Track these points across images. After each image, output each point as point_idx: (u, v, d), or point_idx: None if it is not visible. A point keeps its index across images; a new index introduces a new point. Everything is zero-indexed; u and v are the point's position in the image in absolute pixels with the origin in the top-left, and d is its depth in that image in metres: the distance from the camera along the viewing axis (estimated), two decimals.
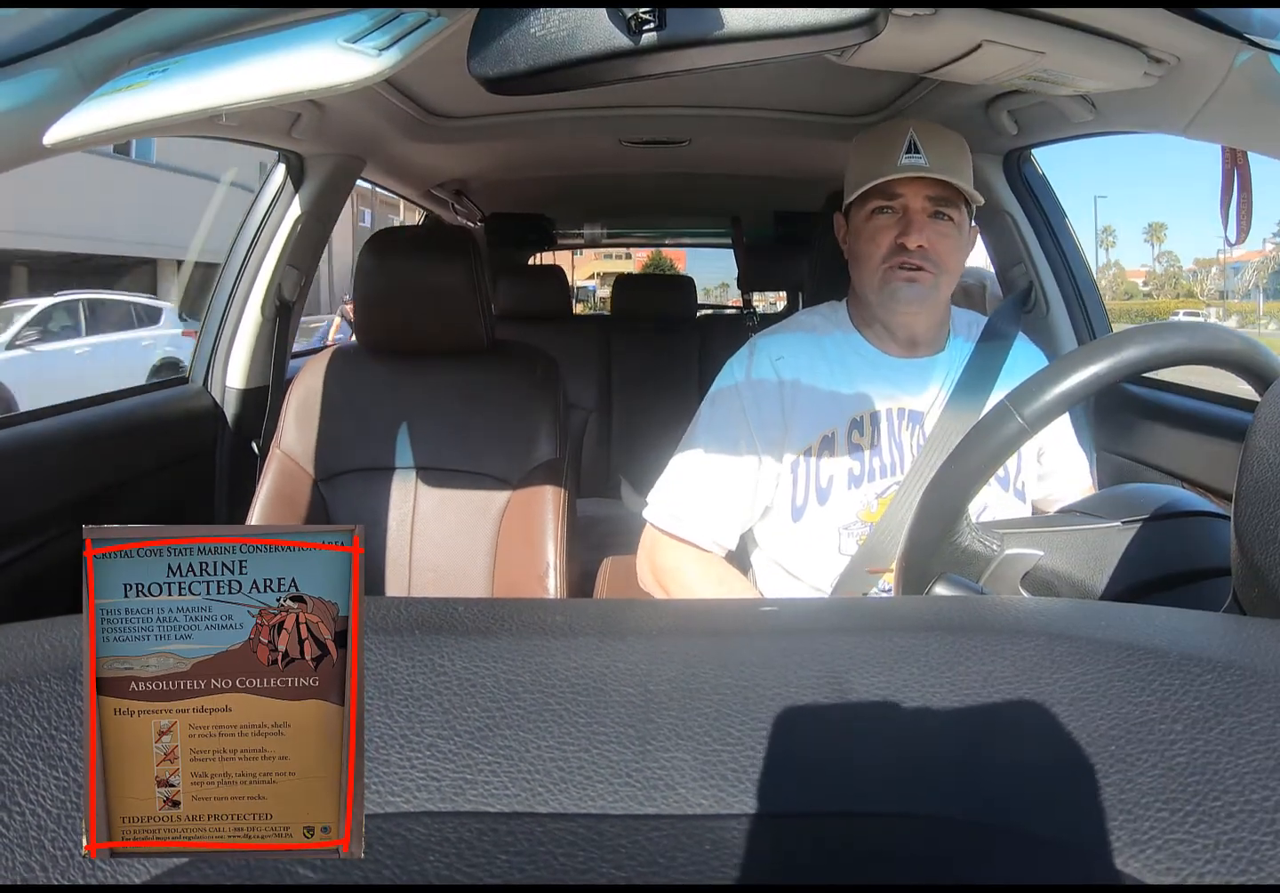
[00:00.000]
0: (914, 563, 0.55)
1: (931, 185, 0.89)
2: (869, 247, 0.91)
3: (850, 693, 0.26)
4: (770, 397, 0.92)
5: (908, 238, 0.88)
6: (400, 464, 1.21)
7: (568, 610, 0.33)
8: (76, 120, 0.53)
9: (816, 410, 0.92)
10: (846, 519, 0.90)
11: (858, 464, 0.90)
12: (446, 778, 0.24)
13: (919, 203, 0.89)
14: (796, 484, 0.91)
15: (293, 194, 1.56)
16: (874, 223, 0.91)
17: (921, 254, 0.89)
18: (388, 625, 0.30)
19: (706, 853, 0.22)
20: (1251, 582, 0.34)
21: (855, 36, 0.45)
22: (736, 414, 0.93)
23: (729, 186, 2.27)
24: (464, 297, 1.19)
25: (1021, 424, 0.51)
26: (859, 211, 0.93)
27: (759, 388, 0.93)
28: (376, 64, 0.51)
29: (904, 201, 0.90)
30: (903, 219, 0.90)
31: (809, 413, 0.92)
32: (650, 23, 0.45)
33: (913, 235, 0.88)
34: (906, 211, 0.90)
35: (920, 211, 0.89)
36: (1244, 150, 0.76)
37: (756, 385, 0.93)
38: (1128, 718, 0.25)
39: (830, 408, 0.92)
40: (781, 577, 0.94)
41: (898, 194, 0.90)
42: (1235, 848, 0.21)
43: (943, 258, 0.90)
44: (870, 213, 0.91)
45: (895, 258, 0.89)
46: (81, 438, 1.26)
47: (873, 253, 0.91)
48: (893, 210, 0.90)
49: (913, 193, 0.89)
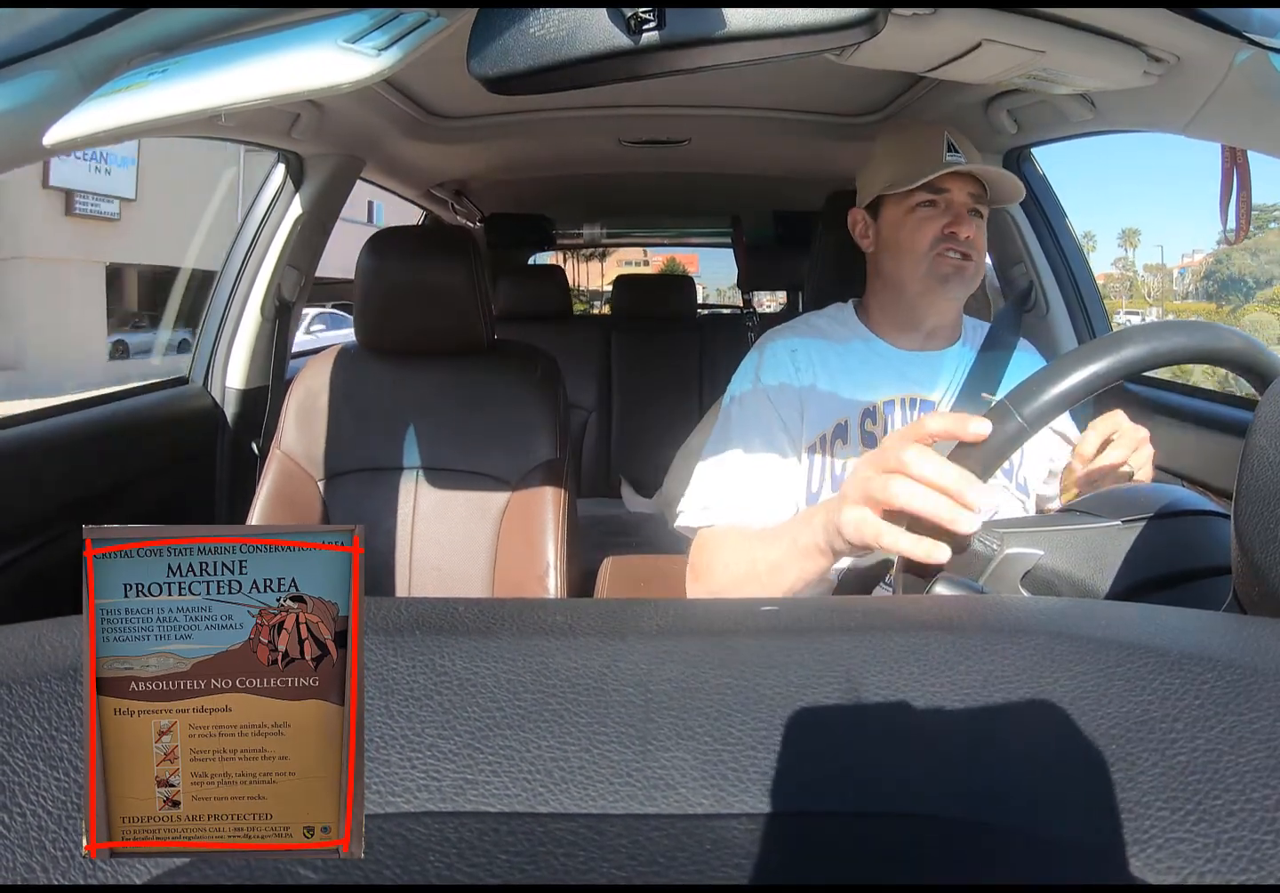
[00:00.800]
0: (914, 563, 0.55)
1: (973, 183, 0.94)
2: (914, 236, 0.95)
3: (851, 693, 0.26)
4: (790, 390, 0.95)
5: (959, 227, 0.93)
6: (400, 464, 1.21)
7: (568, 610, 0.33)
8: (76, 121, 0.53)
9: (830, 400, 0.94)
10: None
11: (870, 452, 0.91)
12: (447, 778, 0.24)
13: (963, 197, 0.94)
14: (811, 472, 0.93)
15: (292, 194, 1.56)
16: (918, 214, 0.95)
17: (968, 244, 0.93)
18: (388, 625, 0.30)
19: (707, 853, 0.22)
20: (1252, 581, 0.34)
21: (855, 36, 0.45)
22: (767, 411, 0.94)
23: (729, 187, 2.27)
24: (464, 296, 1.19)
25: (1021, 424, 0.51)
26: (896, 207, 0.97)
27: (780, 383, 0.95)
28: (376, 64, 0.51)
29: (949, 196, 0.94)
30: (948, 212, 0.94)
31: (823, 403, 0.94)
32: (650, 22, 0.45)
33: (962, 225, 0.93)
34: (951, 205, 0.94)
35: (964, 205, 0.94)
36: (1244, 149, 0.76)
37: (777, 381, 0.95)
38: (1128, 717, 0.25)
39: (843, 397, 0.94)
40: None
41: (944, 188, 0.94)
42: (1236, 847, 0.21)
43: (979, 251, 0.95)
44: (914, 206, 0.95)
45: (943, 245, 0.93)
46: (82, 439, 1.26)
47: (919, 241, 0.94)
48: (934, 205, 0.94)
49: (958, 188, 0.94)
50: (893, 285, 0.98)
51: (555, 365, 1.26)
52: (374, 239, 1.22)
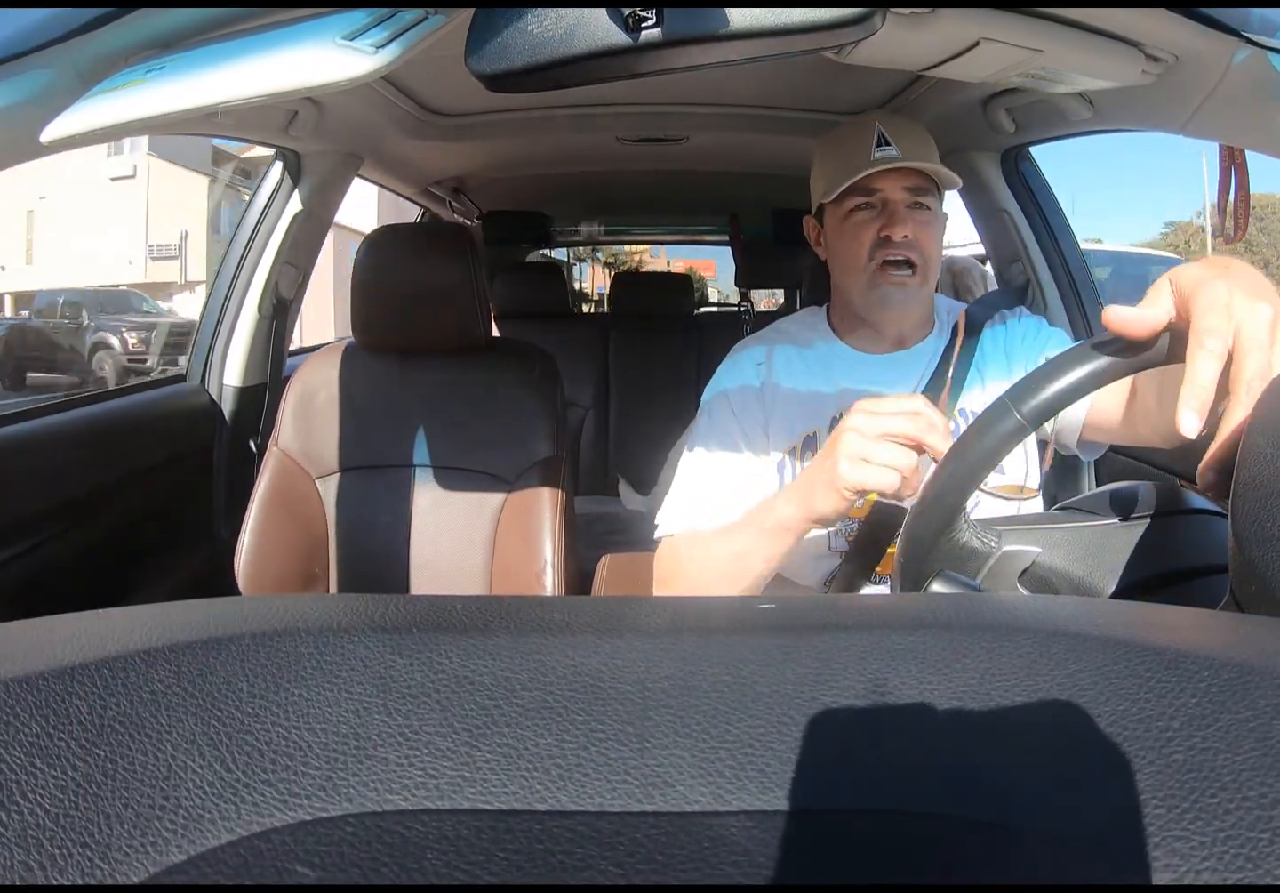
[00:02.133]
0: (911, 560, 0.55)
1: (908, 176, 0.88)
2: (851, 245, 0.90)
3: (848, 691, 0.26)
4: (752, 400, 0.93)
5: (892, 229, 0.88)
6: (398, 462, 1.21)
7: (566, 608, 0.33)
8: (73, 118, 0.53)
9: (798, 412, 0.92)
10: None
11: None
12: (444, 776, 0.24)
13: (898, 194, 0.89)
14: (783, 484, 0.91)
15: (290, 192, 1.55)
16: (853, 220, 0.90)
17: (907, 244, 0.88)
18: (386, 623, 0.30)
19: (705, 850, 0.22)
20: (1248, 579, 0.34)
21: (853, 34, 0.45)
22: (729, 420, 0.93)
23: (726, 184, 2.26)
24: (462, 294, 1.18)
25: (1020, 421, 0.51)
26: (835, 212, 0.92)
27: (743, 392, 0.93)
28: (373, 61, 0.51)
29: (883, 195, 0.89)
30: (883, 213, 0.89)
31: (790, 414, 0.92)
32: (648, 20, 0.45)
33: (897, 226, 0.87)
34: (886, 204, 0.89)
35: (900, 203, 0.89)
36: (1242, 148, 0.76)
37: (740, 389, 0.94)
38: (1125, 715, 0.25)
39: (811, 409, 0.92)
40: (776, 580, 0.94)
41: (875, 188, 0.89)
42: (1232, 845, 0.21)
43: (926, 248, 0.89)
44: (849, 211, 0.91)
45: (881, 251, 0.89)
46: (78, 436, 1.25)
47: (857, 251, 0.90)
48: (871, 206, 0.90)
49: (891, 185, 0.88)
50: (844, 296, 0.95)
51: (553, 363, 1.25)
52: (372, 236, 1.21)
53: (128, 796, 0.23)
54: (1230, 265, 0.47)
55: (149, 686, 0.26)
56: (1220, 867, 0.21)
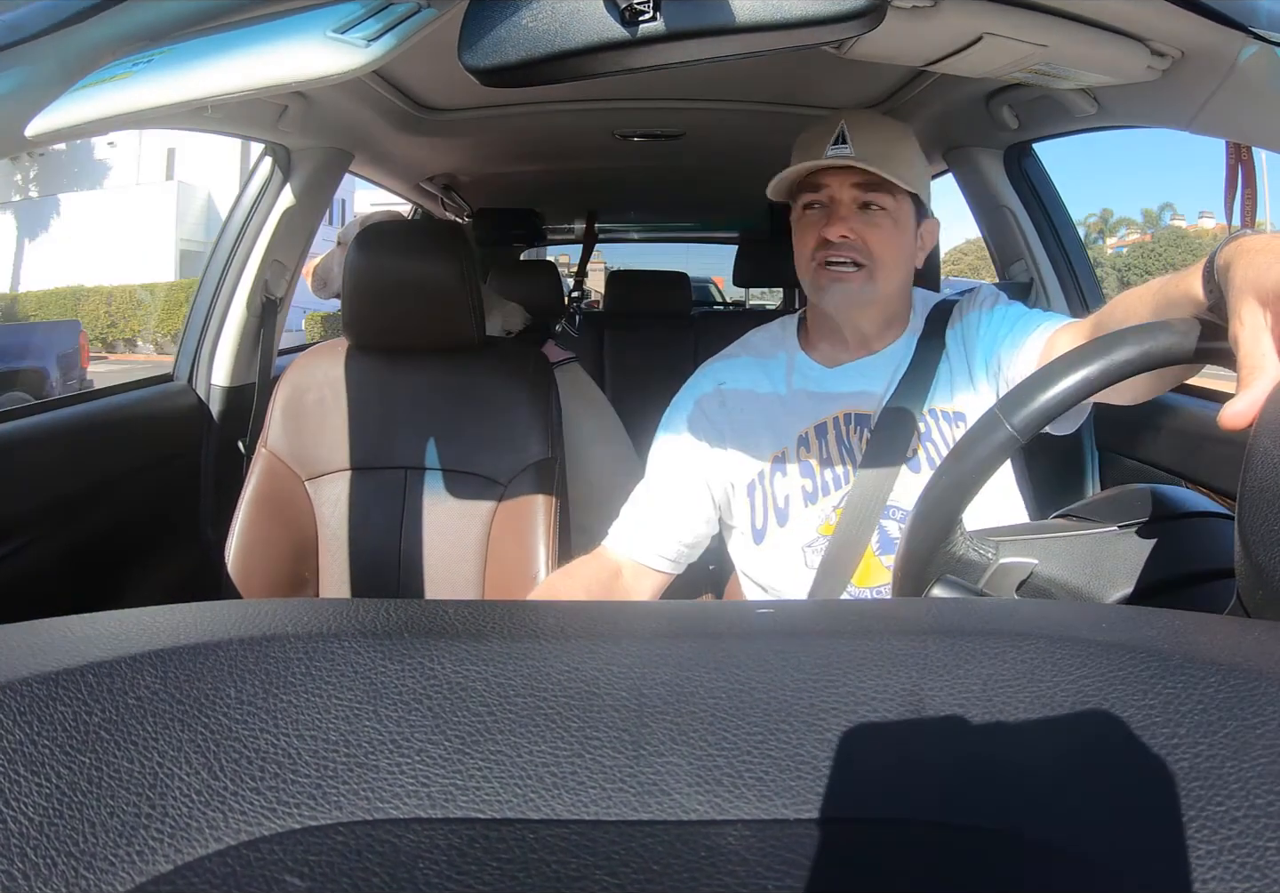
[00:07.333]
0: (909, 574, 0.54)
1: (859, 175, 0.86)
2: (799, 243, 0.90)
3: (847, 697, 0.26)
4: (714, 420, 0.92)
5: (828, 229, 0.86)
6: (389, 464, 1.20)
7: (560, 613, 0.33)
8: (59, 112, 0.52)
9: (764, 432, 0.91)
10: (808, 536, 0.87)
11: (810, 481, 0.88)
12: (437, 784, 0.24)
13: (846, 193, 0.87)
14: (754, 507, 0.90)
15: (279, 188, 1.53)
16: (804, 218, 0.90)
17: (847, 245, 0.86)
18: (376, 628, 0.30)
19: (702, 860, 0.22)
20: (1256, 584, 0.34)
21: (854, 28, 0.45)
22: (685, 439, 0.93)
23: (724, 181, 2.26)
24: (455, 292, 1.17)
25: (1011, 433, 0.50)
26: (795, 209, 0.92)
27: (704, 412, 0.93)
28: (365, 55, 0.51)
29: (830, 193, 0.88)
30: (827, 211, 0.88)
31: (756, 435, 0.91)
32: (646, 13, 0.44)
33: (833, 226, 0.86)
34: (832, 203, 0.88)
35: (848, 203, 0.87)
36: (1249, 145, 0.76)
37: (701, 410, 0.94)
38: (1130, 722, 0.24)
39: (778, 428, 0.91)
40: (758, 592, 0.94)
41: (823, 185, 0.88)
42: (1239, 854, 0.21)
43: (874, 248, 0.87)
44: (802, 209, 0.90)
45: (821, 252, 0.87)
46: (64, 437, 1.23)
47: (803, 251, 0.90)
48: (821, 204, 0.89)
49: (838, 183, 0.87)
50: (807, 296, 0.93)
51: (547, 363, 1.25)
52: (363, 233, 1.20)
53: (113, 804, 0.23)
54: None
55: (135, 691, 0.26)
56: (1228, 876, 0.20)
